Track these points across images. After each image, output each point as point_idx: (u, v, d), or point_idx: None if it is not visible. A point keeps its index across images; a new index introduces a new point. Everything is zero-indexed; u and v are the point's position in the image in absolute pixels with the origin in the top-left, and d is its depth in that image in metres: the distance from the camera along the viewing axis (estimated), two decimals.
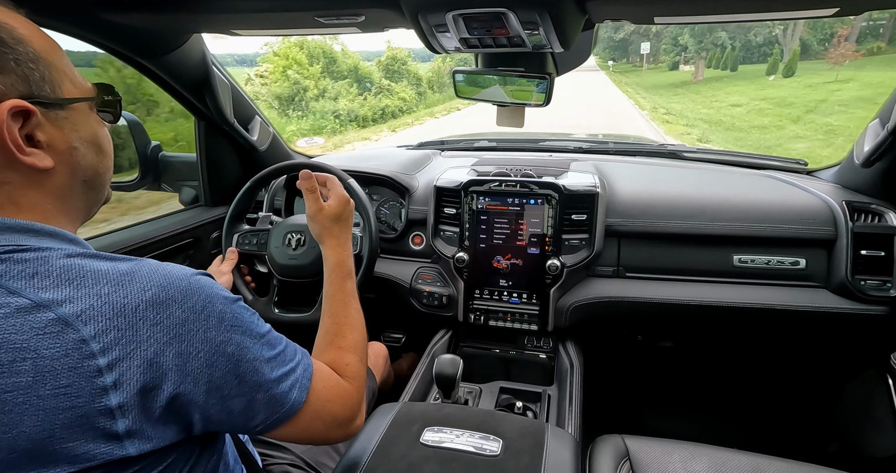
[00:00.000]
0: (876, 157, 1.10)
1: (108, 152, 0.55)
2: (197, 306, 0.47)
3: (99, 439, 0.41)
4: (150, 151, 1.38)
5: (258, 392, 0.51)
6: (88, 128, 0.52)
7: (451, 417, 0.84)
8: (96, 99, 0.53)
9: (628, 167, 1.43)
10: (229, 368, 0.48)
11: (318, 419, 0.58)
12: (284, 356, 0.55)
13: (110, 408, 0.41)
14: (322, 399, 0.58)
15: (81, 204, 0.53)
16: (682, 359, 1.65)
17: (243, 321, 0.51)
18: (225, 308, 0.50)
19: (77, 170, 0.51)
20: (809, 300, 1.13)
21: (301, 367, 0.57)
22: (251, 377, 0.50)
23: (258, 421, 0.53)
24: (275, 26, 0.95)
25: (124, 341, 0.42)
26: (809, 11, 0.71)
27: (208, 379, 0.47)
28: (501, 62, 0.86)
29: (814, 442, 1.39)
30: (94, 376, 0.40)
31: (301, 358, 0.58)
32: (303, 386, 0.56)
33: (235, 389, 0.49)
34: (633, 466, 0.83)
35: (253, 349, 0.51)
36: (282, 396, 0.53)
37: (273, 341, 0.55)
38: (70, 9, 0.86)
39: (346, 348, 0.70)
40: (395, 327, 1.79)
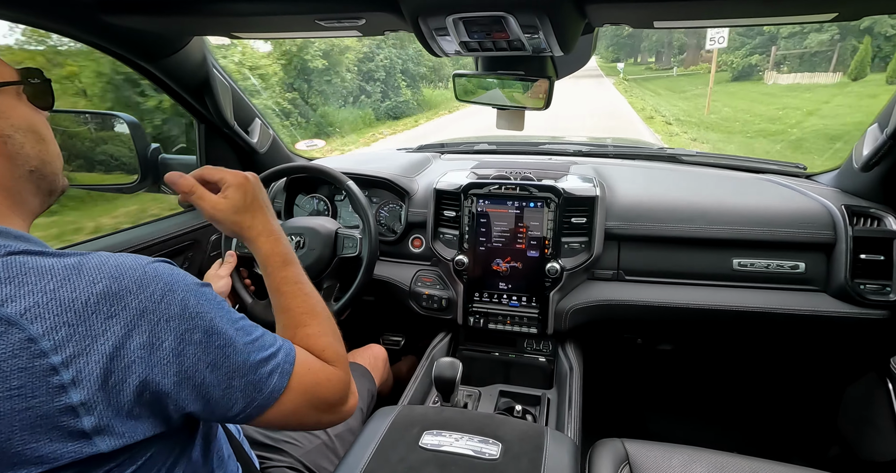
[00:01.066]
0: (875, 161, 1.10)
1: (49, 139, 0.53)
2: (155, 295, 0.45)
3: (64, 438, 0.40)
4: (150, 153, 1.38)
5: (233, 378, 0.49)
6: (20, 115, 0.50)
7: (451, 420, 0.84)
8: (22, 83, 0.51)
9: (628, 170, 1.44)
10: (198, 356, 0.46)
11: (305, 403, 0.55)
12: (262, 341, 0.53)
13: (72, 406, 0.39)
14: (307, 382, 0.56)
15: (32, 196, 0.52)
16: (681, 363, 1.65)
17: (210, 306, 0.49)
18: (187, 294, 0.47)
19: (18, 161, 0.49)
20: (809, 304, 1.13)
21: (283, 352, 0.55)
22: (224, 363, 0.48)
23: (238, 409, 0.50)
24: (275, 29, 0.96)
25: (77, 337, 0.40)
26: (808, 16, 0.71)
27: (177, 369, 0.45)
28: (501, 65, 0.86)
29: (813, 446, 1.39)
30: (49, 374, 0.39)
31: (282, 344, 0.56)
32: (284, 371, 0.53)
33: (209, 377, 0.47)
34: (633, 470, 0.83)
35: (224, 335, 0.49)
36: (260, 382, 0.51)
37: (247, 328, 0.53)
38: (72, 12, 0.86)
39: (315, 335, 0.63)
40: (394, 330, 1.79)
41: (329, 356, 0.61)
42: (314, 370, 0.57)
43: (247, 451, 0.77)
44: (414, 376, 1.18)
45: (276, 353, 0.54)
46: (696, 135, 10.09)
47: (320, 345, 0.62)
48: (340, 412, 0.60)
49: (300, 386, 0.55)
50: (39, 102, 0.54)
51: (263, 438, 0.89)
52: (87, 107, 3.98)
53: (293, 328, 0.64)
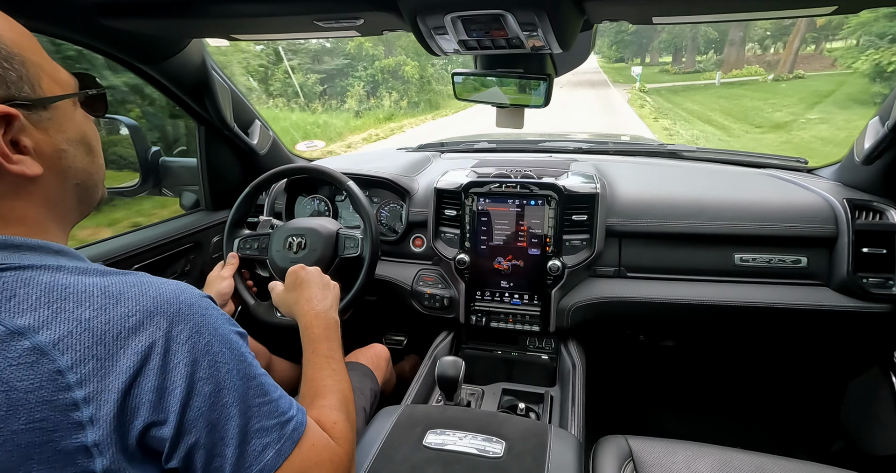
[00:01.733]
0: (876, 154, 1.10)
1: (97, 150, 0.52)
2: (182, 337, 0.43)
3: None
4: (151, 156, 1.38)
5: (226, 445, 0.45)
6: (75, 126, 0.49)
7: (454, 419, 0.84)
8: (80, 94, 0.50)
9: (628, 167, 1.43)
10: (202, 412, 0.44)
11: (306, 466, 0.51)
12: (276, 405, 0.50)
13: (86, 446, 0.38)
14: (309, 461, 0.52)
15: (74, 207, 0.51)
16: (684, 359, 1.65)
17: (232, 357, 0.46)
18: (213, 339, 0.45)
19: (68, 174, 0.48)
20: (811, 298, 1.12)
21: (293, 423, 0.51)
22: (220, 427, 0.45)
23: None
24: (274, 31, 0.96)
25: (102, 371, 0.39)
26: (807, 10, 0.71)
27: (177, 420, 0.42)
28: (500, 64, 0.86)
29: (817, 441, 1.39)
30: (70, 410, 0.38)
31: (295, 413, 0.52)
32: (282, 449, 0.49)
33: (203, 439, 0.44)
34: (637, 466, 0.83)
35: (236, 393, 0.46)
36: (251, 455, 0.47)
37: (264, 387, 0.50)
38: (71, 16, 0.86)
39: (330, 407, 0.63)
40: (396, 329, 1.79)
41: (338, 432, 0.60)
42: (318, 447, 0.54)
43: None
44: (417, 375, 1.18)
45: (286, 423, 0.51)
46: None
47: (332, 419, 0.61)
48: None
49: (300, 462, 0.51)
50: (94, 112, 0.53)
51: None
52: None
53: (311, 397, 0.66)
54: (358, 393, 1.09)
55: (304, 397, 0.67)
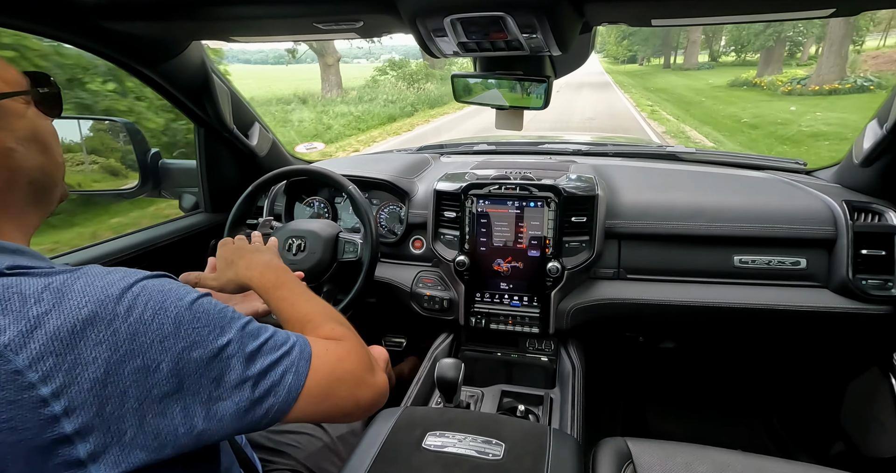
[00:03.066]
0: (875, 156, 1.10)
1: (53, 149, 0.51)
2: (145, 315, 0.42)
3: (59, 467, 0.38)
4: (150, 158, 1.38)
5: (243, 390, 0.47)
6: (26, 125, 0.47)
7: (453, 421, 0.84)
8: (30, 92, 0.49)
9: (627, 169, 1.44)
10: (201, 373, 0.44)
11: (334, 383, 0.55)
12: (274, 342, 0.52)
13: (66, 435, 0.38)
14: (330, 361, 0.55)
15: (30, 207, 0.49)
16: (684, 361, 1.65)
17: (209, 318, 0.47)
18: (181, 309, 0.45)
19: (19, 174, 0.47)
20: (810, 300, 1.12)
21: (297, 348, 0.53)
22: (231, 376, 0.46)
23: (258, 417, 0.48)
24: (273, 33, 0.96)
25: (67, 366, 0.38)
26: (806, 12, 0.71)
27: (176, 390, 0.43)
28: (500, 66, 0.86)
29: (817, 443, 1.39)
30: (39, 407, 0.37)
31: (295, 340, 0.54)
32: (299, 369, 0.52)
33: (216, 392, 0.45)
34: (637, 469, 0.83)
35: (228, 346, 0.47)
36: (273, 386, 0.49)
37: (254, 331, 0.51)
38: (69, 18, 0.86)
39: (320, 324, 0.65)
40: (396, 331, 1.79)
41: (338, 333, 0.63)
42: (329, 350, 0.57)
43: (249, 456, 0.77)
44: (416, 377, 1.18)
45: (290, 351, 0.52)
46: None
47: (326, 329, 0.64)
48: (373, 384, 0.60)
49: (322, 369, 0.54)
50: (49, 111, 0.52)
51: (266, 441, 0.89)
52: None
53: (298, 329, 0.65)
54: None
55: (304, 327, 0.67)
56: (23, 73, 0.50)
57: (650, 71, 28.36)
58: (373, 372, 0.61)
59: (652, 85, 18.54)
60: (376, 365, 0.63)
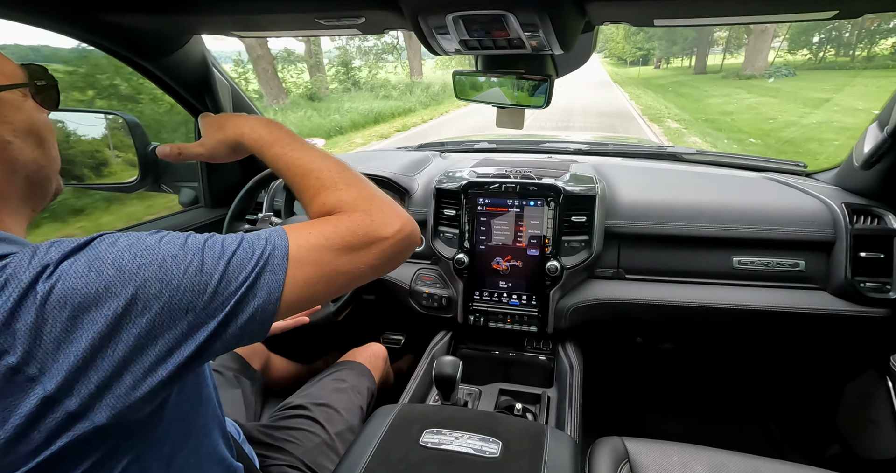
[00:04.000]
0: (875, 159, 1.10)
1: (49, 142, 0.51)
2: (81, 268, 0.40)
3: (56, 422, 0.39)
4: (150, 152, 1.38)
5: (220, 309, 0.44)
6: (23, 117, 0.47)
7: (451, 419, 0.84)
8: (28, 85, 0.49)
9: (628, 169, 1.44)
10: (169, 306, 0.42)
11: (325, 266, 0.50)
12: (243, 251, 0.47)
13: (49, 395, 0.38)
14: (313, 247, 0.50)
15: (24, 200, 0.49)
16: (681, 361, 1.65)
17: (157, 251, 0.43)
18: (120, 254, 0.42)
19: (15, 167, 0.47)
20: (809, 302, 1.13)
21: (269, 248, 0.48)
22: (203, 300, 0.43)
23: (241, 324, 0.45)
24: (275, 28, 0.95)
25: (24, 332, 0.38)
26: (808, 14, 0.71)
27: (147, 330, 0.41)
28: (501, 64, 0.86)
29: (813, 444, 1.39)
30: (10, 375, 0.37)
31: (266, 241, 0.49)
32: (275, 267, 0.47)
33: (194, 320, 0.43)
34: (633, 468, 0.83)
35: (186, 268, 0.43)
36: (249, 292, 0.45)
37: (217, 244, 0.47)
38: (70, 10, 0.86)
39: (315, 194, 0.58)
40: (394, 328, 1.79)
41: (331, 207, 0.57)
42: (315, 230, 0.52)
43: (246, 451, 0.77)
44: (414, 375, 1.18)
45: (263, 254, 0.48)
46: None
47: (322, 203, 0.57)
48: (384, 238, 0.54)
49: (308, 254, 0.49)
50: (45, 104, 0.52)
51: (263, 437, 0.89)
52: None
53: (302, 199, 0.61)
54: (355, 392, 1.09)
55: (303, 203, 0.61)
56: (20, 65, 0.50)
57: (677, 76, 21.13)
58: (380, 226, 0.54)
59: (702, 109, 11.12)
60: (387, 213, 0.56)
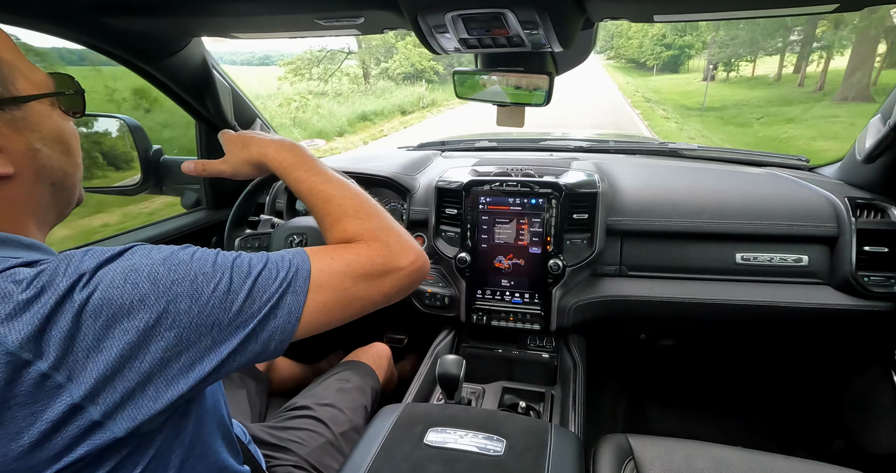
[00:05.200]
0: (878, 153, 1.09)
1: (75, 150, 0.52)
2: (117, 279, 0.42)
3: (77, 430, 0.39)
4: (152, 154, 1.38)
5: (243, 328, 0.46)
6: (51, 126, 0.49)
7: (455, 417, 0.84)
8: (55, 94, 0.50)
9: (629, 166, 1.43)
10: (195, 321, 0.43)
11: (344, 292, 0.52)
12: (268, 272, 0.49)
13: (74, 404, 0.39)
14: (333, 274, 0.52)
15: (50, 207, 0.51)
16: (685, 358, 1.65)
17: (187, 268, 0.45)
18: (154, 268, 0.43)
19: (42, 174, 0.48)
20: (813, 297, 1.12)
21: (293, 270, 0.50)
22: (227, 317, 0.45)
23: (262, 343, 0.48)
24: (274, 29, 0.95)
25: (57, 339, 0.39)
26: (809, 8, 0.71)
27: (175, 344, 0.42)
28: (501, 62, 0.86)
29: (817, 439, 1.39)
30: (41, 380, 0.38)
31: (290, 263, 0.51)
32: (297, 289, 0.49)
33: (217, 336, 0.44)
34: (637, 465, 0.83)
35: (214, 288, 0.45)
36: (271, 312, 0.48)
37: (244, 265, 0.48)
38: (71, 13, 0.86)
39: (335, 221, 0.62)
40: (397, 328, 1.80)
41: (351, 235, 0.60)
42: (336, 256, 0.54)
43: (252, 452, 0.78)
44: (418, 374, 1.18)
45: (287, 276, 0.50)
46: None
47: (338, 233, 0.61)
48: (398, 269, 0.57)
49: (328, 280, 0.52)
50: (71, 112, 0.53)
51: (269, 437, 0.89)
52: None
53: (321, 224, 0.64)
54: (359, 392, 1.09)
55: (322, 229, 0.64)
56: (49, 74, 0.51)
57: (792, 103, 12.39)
58: (396, 258, 0.57)
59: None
60: (404, 245, 0.59)
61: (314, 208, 0.65)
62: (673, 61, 19.26)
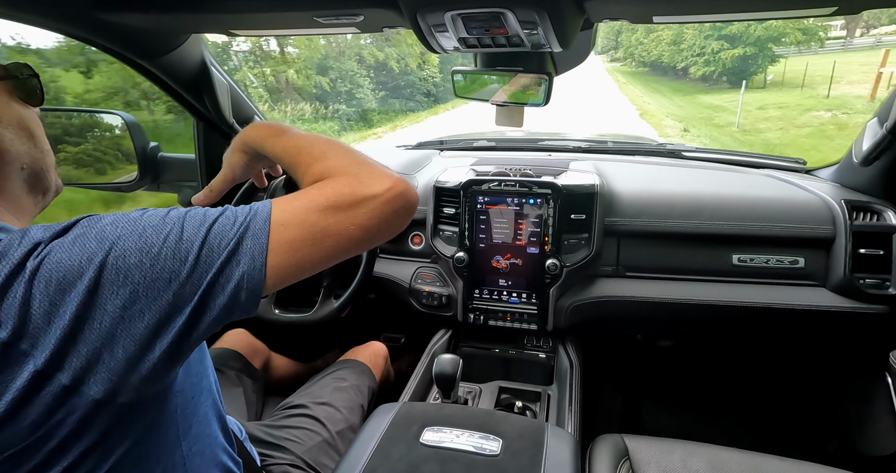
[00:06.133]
0: (875, 156, 1.10)
1: (38, 137, 0.53)
2: (66, 243, 0.41)
3: (51, 397, 0.39)
4: (149, 151, 1.38)
5: (203, 277, 0.43)
6: (9, 112, 0.50)
7: (451, 417, 0.84)
8: (10, 78, 0.51)
9: (627, 166, 1.43)
10: (151, 276, 0.42)
11: (312, 226, 0.48)
12: (226, 218, 0.46)
13: (40, 370, 0.39)
14: (297, 209, 0.49)
15: (24, 194, 0.51)
16: (681, 359, 1.66)
17: (141, 222, 0.44)
18: (104, 224, 0.43)
19: (8, 157, 0.49)
20: (808, 299, 1.13)
21: (251, 214, 0.47)
22: (185, 269, 0.43)
23: (229, 295, 0.45)
24: (273, 26, 0.95)
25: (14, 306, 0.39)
26: (808, 10, 0.71)
27: (132, 300, 0.41)
28: (500, 62, 0.86)
29: (813, 441, 1.40)
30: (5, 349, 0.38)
31: (250, 208, 0.48)
32: (256, 232, 0.46)
33: (178, 290, 0.42)
34: (633, 465, 0.83)
35: (167, 242, 0.43)
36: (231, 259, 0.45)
37: (201, 216, 0.46)
38: (68, 9, 0.86)
39: (306, 169, 0.57)
40: (394, 327, 1.80)
41: (319, 175, 0.55)
42: (300, 194, 0.51)
43: (248, 450, 0.78)
44: (414, 373, 1.18)
45: (245, 219, 0.47)
46: None
47: (312, 173, 0.56)
48: (369, 199, 0.51)
49: (291, 217, 0.48)
50: (29, 99, 0.53)
51: (264, 436, 0.89)
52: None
53: (296, 175, 0.60)
54: (356, 391, 1.09)
55: (296, 173, 0.60)
56: (3, 66, 0.52)
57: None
58: (367, 185, 0.52)
59: None
60: (377, 174, 0.53)
61: (289, 166, 0.61)
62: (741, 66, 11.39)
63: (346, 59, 14.79)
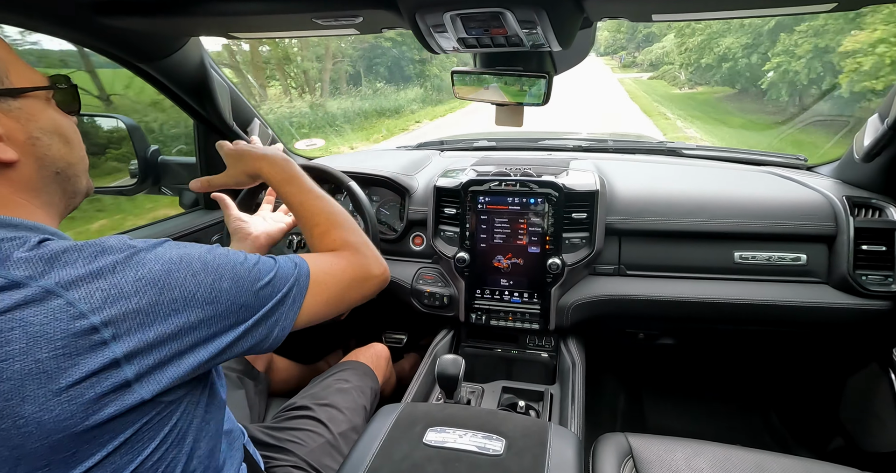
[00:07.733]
0: (876, 152, 1.10)
1: (75, 142, 0.56)
2: (174, 257, 0.49)
3: (108, 388, 0.43)
4: (150, 155, 1.38)
5: (254, 314, 0.54)
6: (48, 118, 0.52)
7: (454, 417, 0.84)
8: (50, 88, 0.53)
9: (628, 165, 1.43)
10: (230, 301, 0.51)
11: (334, 295, 0.65)
12: (277, 277, 0.58)
13: (116, 359, 0.43)
14: (328, 281, 0.64)
15: (57, 197, 0.54)
16: (684, 357, 1.65)
17: (228, 258, 0.53)
18: (203, 252, 0.52)
19: (45, 162, 0.51)
20: (811, 296, 1.13)
21: (296, 276, 0.60)
22: (245, 301, 0.53)
23: (263, 332, 0.56)
24: (272, 29, 0.95)
25: (111, 299, 0.43)
26: (807, 7, 0.71)
27: (210, 317, 0.49)
28: (500, 62, 0.86)
29: (816, 438, 1.39)
30: (89, 333, 0.42)
31: (295, 270, 0.61)
32: (296, 297, 0.59)
33: (239, 318, 0.52)
34: (637, 464, 0.83)
35: (241, 281, 0.53)
36: (276, 307, 0.57)
37: (265, 269, 0.57)
38: (68, 14, 0.86)
39: (326, 232, 0.74)
40: (396, 328, 1.80)
41: (338, 243, 0.73)
42: (331, 267, 0.67)
43: (251, 452, 0.78)
44: (417, 374, 1.18)
45: (290, 280, 0.59)
46: None
47: (330, 239, 0.74)
48: (374, 277, 0.72)
49: (324, 288, 0.63)
50: (66, 107, 0.56)
51: (267, 438, 0.89)
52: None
53: (309, 232, 0.76)
54: (358, 392, 1.09)
55: (306, 236, 0.77)
56: (46, 76, 0.54)
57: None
58: (372, 267, 0.72)
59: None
60: (378, 258, 0.75)
61: (303, 219, 0.77)
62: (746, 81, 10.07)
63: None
